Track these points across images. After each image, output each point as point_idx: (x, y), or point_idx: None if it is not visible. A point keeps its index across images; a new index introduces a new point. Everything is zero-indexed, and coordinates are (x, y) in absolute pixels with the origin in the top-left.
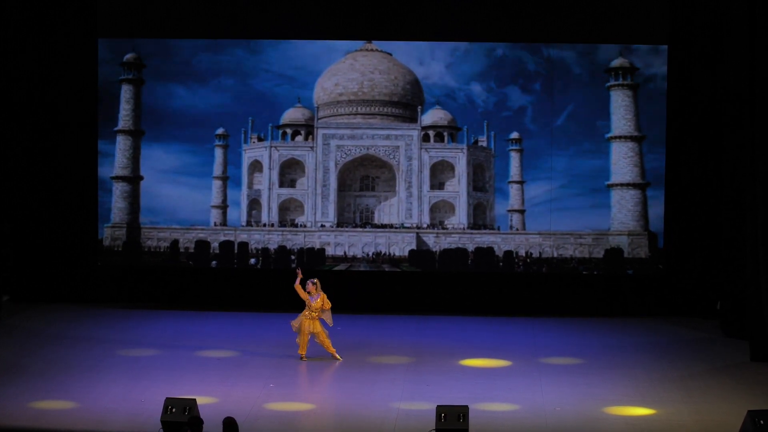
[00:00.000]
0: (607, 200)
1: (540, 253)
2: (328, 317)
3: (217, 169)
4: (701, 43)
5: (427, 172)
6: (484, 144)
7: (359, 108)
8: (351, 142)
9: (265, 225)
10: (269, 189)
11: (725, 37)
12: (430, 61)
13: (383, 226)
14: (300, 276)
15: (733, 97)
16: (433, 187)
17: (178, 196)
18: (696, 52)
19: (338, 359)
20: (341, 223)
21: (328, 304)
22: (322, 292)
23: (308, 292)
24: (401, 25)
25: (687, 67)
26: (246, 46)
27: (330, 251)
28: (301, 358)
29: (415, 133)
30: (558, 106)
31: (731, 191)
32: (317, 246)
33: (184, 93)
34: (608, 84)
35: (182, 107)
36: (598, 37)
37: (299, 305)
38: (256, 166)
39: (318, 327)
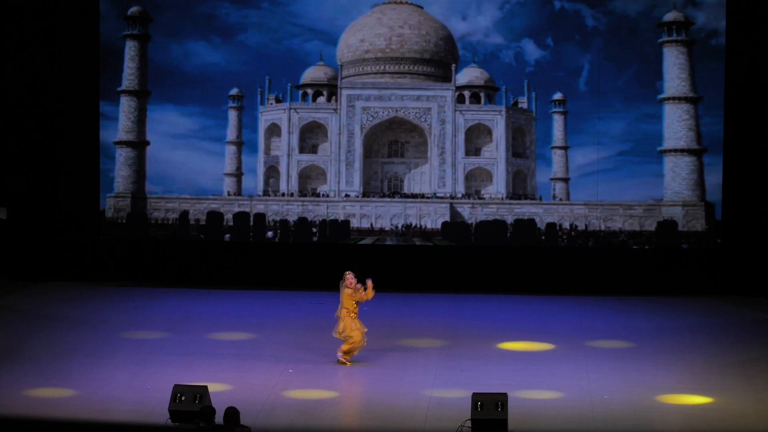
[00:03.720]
0: (660, 168)
1: (586, 225)
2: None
3: (231, 133)
4: None
5: (461, 137)
6: (525, 106)
7: (387, 66)
8: (378, 104)
9: (283, 195)
10: (288, 155)
11: None
12: (475, 15)
13: (413, 195)
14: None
15: None
16: (468, 153)
17: (188, 162)
18: (758, 3)
19: (346, 363)
20: (367, 192)
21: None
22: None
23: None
24: None
25: (748, 20)
26: None
27: (355, 223)
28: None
29: (449, 94)
30: (616, 65)
31: None
32: (341, 218)
33: (195, 50)
34: (661, 40)
35: (192, 65)
36: None
37: (321, 282)
38: (273, 130)
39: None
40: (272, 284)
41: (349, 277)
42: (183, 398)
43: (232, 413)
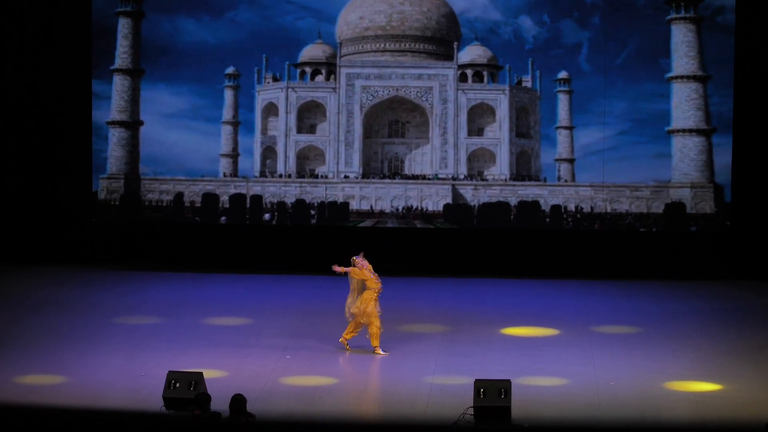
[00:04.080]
0: (668, 148)
1: (592, 207)
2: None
3: (227, 113)
4: None
5: (464, 117)
6: (529, 85)
7: (387, 44)
8: (378, 83)
9: (281, 176)
10: (286, 135)
11: None
12: None
13: (414, 177)
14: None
15: None
16: (470, 133)
17: (183, 143)
18: None
19: (379, 353)
20: (367, 173)
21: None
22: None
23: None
24: None
25: None
26: None
27: (354, 205)
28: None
29: (451, 73)
30: (617, 42)
31: None
32: (340, 199)
33: (190, 27)
34: (669, 17)
35: (188, 43)
36: None
37: (319, 265)
38: (270, 110)
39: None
40: (269, 268)
41: (358, 260)
42: (177, 385)
43: (239, 400)
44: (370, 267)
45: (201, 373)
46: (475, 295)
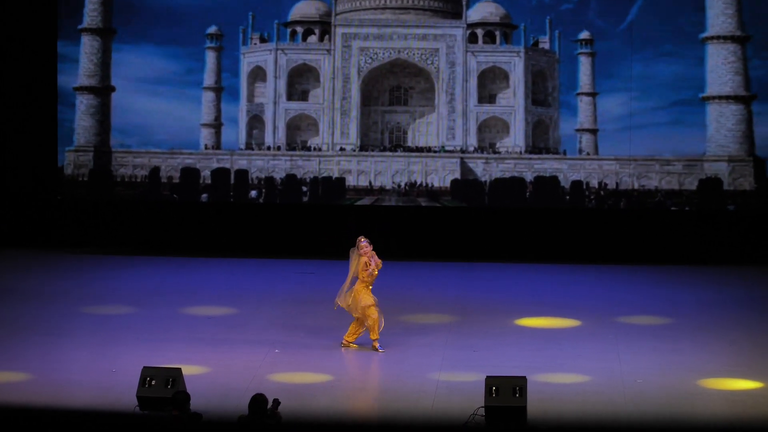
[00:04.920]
0: (702, 117)
1: (617, 183)
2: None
3: (209, 77)
4: None
5: (473, 82)
6: (547, 46)
7: (388, 0)
8: (378, 44)
9: (269, 148)
10: (274, 103)
11: None
12: None
13: (418, 149)
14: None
15: None
16: (481, 100)
17: (159, 111)
18: None
19: (375, 348)
20: (366, 145)
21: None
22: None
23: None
24: None
25: None
26: None
27: (351, 181)
28: (348, 344)
29: (459, 33)
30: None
31: None
32: (335, 175)
33: None
34: None
35: (164, 0)
36: None
37: (311, 248)
38: (257, 75)
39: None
40: (256, 251)
41: (364, 244)
42: (153, 382)
43: (259, 400)
44: (372, 252)
45: (179, 369)
46: (486, 281)
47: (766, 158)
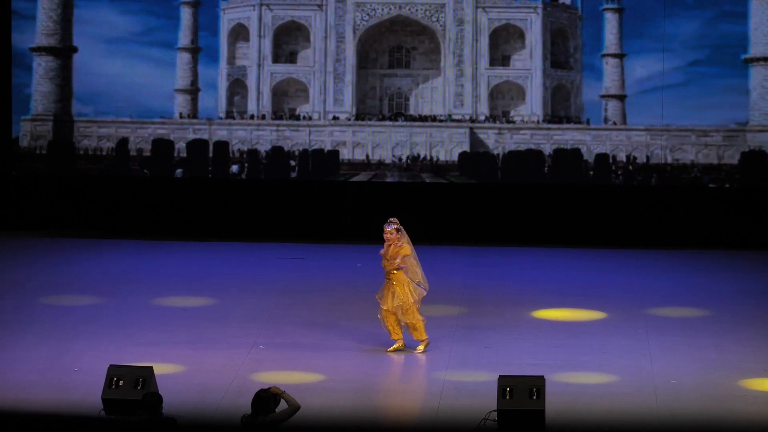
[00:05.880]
0: (745, 82)
1: (648, 157)
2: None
3: (184, 36)
4: None
5: (484, 42)
6: (568, 1)
7: None
8: None
9: (252, 117)
10: (259, 66)
11: None
12: None
13: (422, 118)
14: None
15: None
16: (493, 62)
17: (128, 75)
18: None
19: (422, 350)
20: (362, 114)
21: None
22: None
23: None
24: None
25: None
26: None
27: (346, 154)
28: (397, 347)
29: None
30: None
31: None
32: (327, 147)
33: None
34: None
35: None
36: None
37: (300, 230)
38: (239, 33)
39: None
40: (238, 233)
41: (388, 230)
42: (121, 383)
43: (264, 398)
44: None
45: (151, 368)
46: (499, 268)
47: None
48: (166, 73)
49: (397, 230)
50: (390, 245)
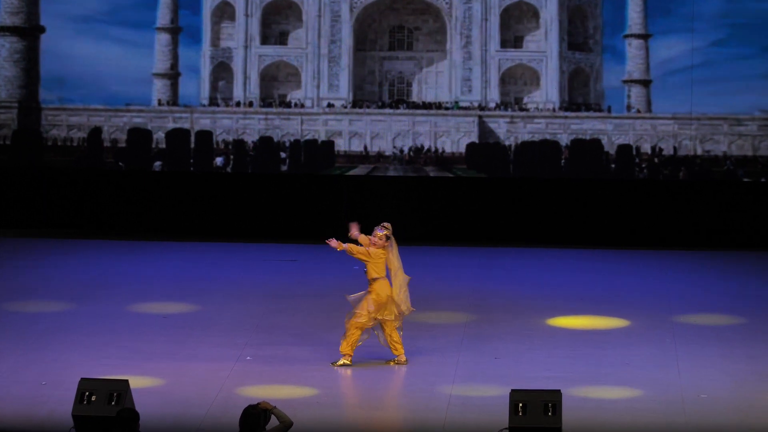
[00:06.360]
0: None
1: (675, 148)
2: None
3: (163, 15)
4: None
5: (495, 21)
6: None
7: None
8: None
9: (238, 104)
10: (246, 48)
11: None
12: None
13: (426, 105)
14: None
15: None
16: (505, 44)
17: (101, 58)
18: None
19: (402, 362)
20: (360, 101)
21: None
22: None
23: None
24: None
25: None
26: None
27: (342, 145)
28: (344, 362)
29: None
30: None
31: None
32: (321, 137)
33: None
34: None
35: None
36: None
37: (292, 229)
38: (224, 12)
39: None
40: (222, 233)
41: (379, 234)
42: (93, 398)
43: (253, 414)
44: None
45: (126, 382)
46: (511, 270)
47: None
48: (144, 56)
49: (387, 237)
50: (370, 247)
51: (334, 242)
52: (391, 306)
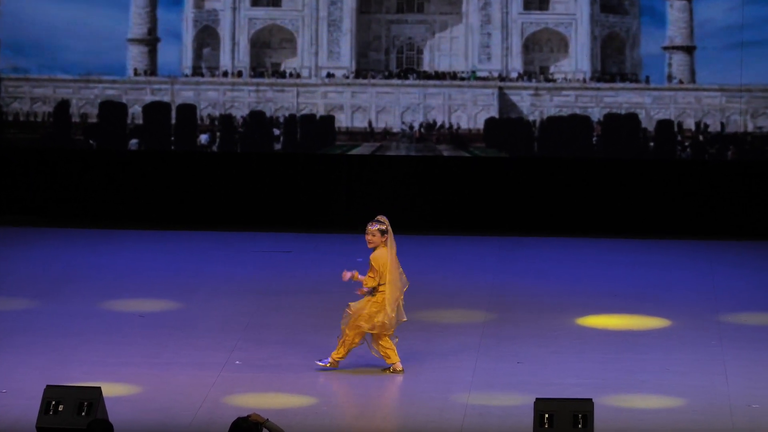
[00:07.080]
0: None
1: (722, 124)
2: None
3: None
4: None
5: None
6: None
7: None
8: None
9: (226, 74)
10: (234, 9)
11: None
12: None
13: (439, 76)
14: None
15: None
16: (529, 5)
17: (69, 22)
18: None
19: (397, 370)
20: (363, 70)
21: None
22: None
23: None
24: None
25: None
26: None
27: (343, 121)
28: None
29: None
30: None
31: None
32: (320, 111)
33: None
34: None
35: None
36: None
37: (287, 216)
38: None
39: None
40: (208, 220)
41: (371, 230)
42: (61, 407)
43: (244, 427)
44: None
45: (99, 389)
46: (536, 263)
47: None
48: (117, 19)
49: (382, 232)
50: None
51: (347, 275)
52: (382, 317)
